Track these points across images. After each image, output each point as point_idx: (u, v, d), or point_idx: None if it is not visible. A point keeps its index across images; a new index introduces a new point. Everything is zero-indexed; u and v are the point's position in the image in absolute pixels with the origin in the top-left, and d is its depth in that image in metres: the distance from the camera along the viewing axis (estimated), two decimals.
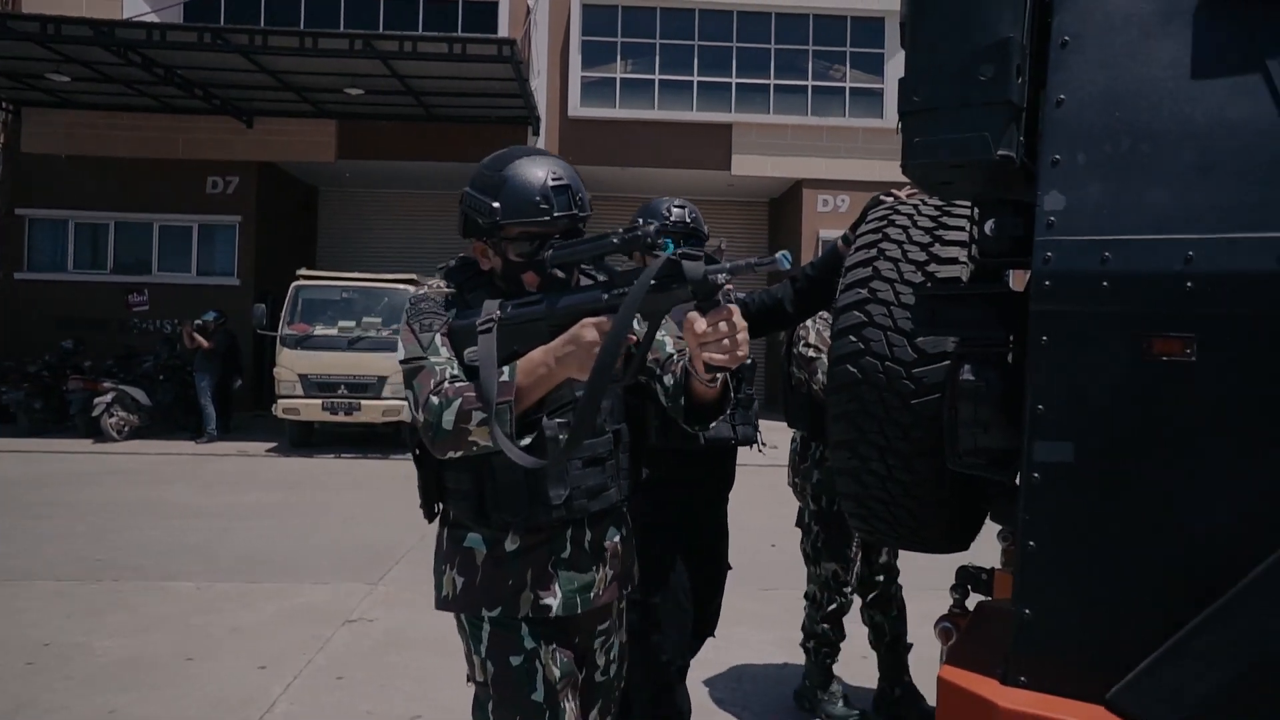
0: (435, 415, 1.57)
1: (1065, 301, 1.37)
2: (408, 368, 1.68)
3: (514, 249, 1.73)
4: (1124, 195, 1.35)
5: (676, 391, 1.69)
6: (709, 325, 1.42)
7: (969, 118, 1.43)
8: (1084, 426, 1.36)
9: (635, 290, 1.42)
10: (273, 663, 4.07)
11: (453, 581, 1.77)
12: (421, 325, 1.70)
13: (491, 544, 1.74)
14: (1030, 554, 1.40)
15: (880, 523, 1.97)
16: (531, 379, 1.57)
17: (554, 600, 1.73)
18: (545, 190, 1.69)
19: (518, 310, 1.65)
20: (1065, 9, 1.45)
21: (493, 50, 12.06)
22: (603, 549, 1.81)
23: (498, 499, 1.70)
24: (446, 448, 1.60)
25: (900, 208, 2.03)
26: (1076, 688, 1.36)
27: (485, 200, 1.70)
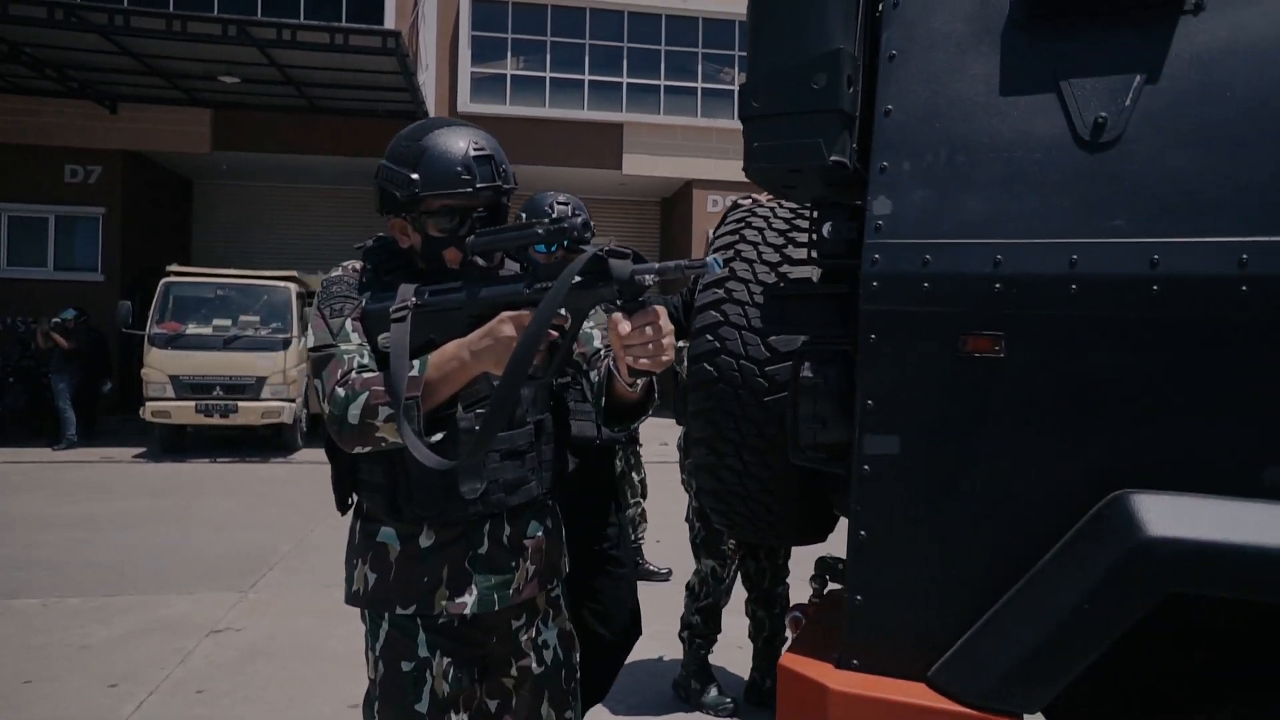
0: (340, 409, 1.51)
1: (891, 301, 1.44)
2: (316, 356, 1.60)
3: (435, 224, 1.64)
4: (943, 202, 1.43)
5: (598, 391, 1.64)
6: (634, 328, 1.36)
7: (804, 124, 1.49)
8: (908, 420, 1.43)
9: (558, 286, 1.35)
10: (125, 680, 3.86)
11: (364, 577, 1.70)
12: (332, 310, 1.62)
13: (405, 539, 1.68)
14: (861, 542, 1.47)
15: (738, 517, 2.02)
16: (443, 373, 1.50)
17: (469, 598, 1.67)
18: (467, 160, 1.61)
19: (435, 298, 1.58)
20: (892, 25, 1.52)
21: (377, 42, 11.70)
22: (523, 544, 1.74)
23: (411, 493, 1.63)
24: (354, 443, 1.53)
25: (757, 210, 2.09)
26: (903, 668, 1.43)
27: (403, 172, 1.62)
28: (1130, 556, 1.21)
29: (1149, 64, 1.33)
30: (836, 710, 1.41)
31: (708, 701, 3.59)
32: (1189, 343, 1.27)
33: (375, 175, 1.69)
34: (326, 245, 17.10)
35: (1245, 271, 1.24)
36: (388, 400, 1.47)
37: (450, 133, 1.64)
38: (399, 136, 1.68)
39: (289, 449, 11.26)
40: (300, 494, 8.36)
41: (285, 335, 11.09)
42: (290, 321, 11.19)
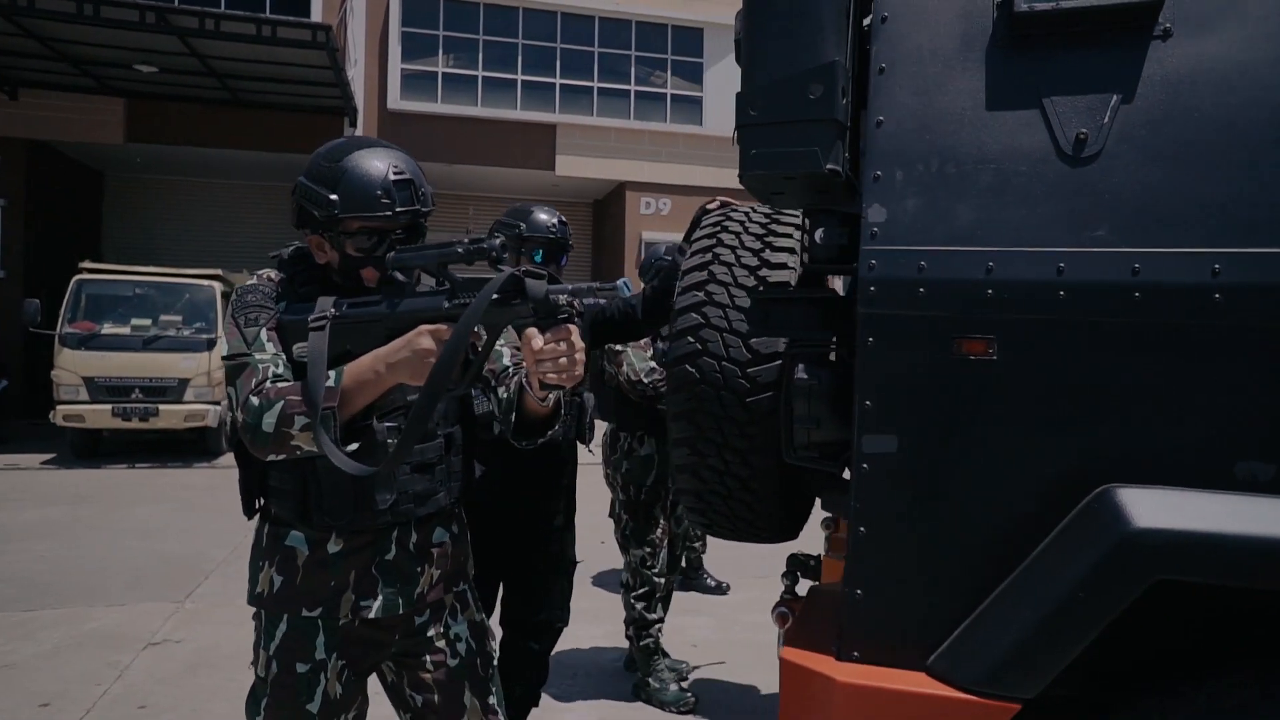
0: (255, 417, 1.53)
1: (887, 305, 1.50)
2: (230, 364, 1.62)
3: (352, 244, 1.68)
4: (935, 210, 1.49)
5: (508, 406, 1.70)
6: (546, 344, 1.45)
7: (800, 133, 1.54)
8: (905, 420, 1.50)
9: (476, 304, 1.44)
10: (58, 698, 3.69)
11: (270, 579, 1.72)
12: (246, 319, 1.65)
13: (314, 544, 1.71)
14: (860, 538, 1.52)
15: (718, 516, 2.06)
16: (359, 383, 1.55)
17: (375, 602, 1.72)
18: (386, 184, 1.65)
19: (354, 310, 1.62)
20: (881, 39, 1.59)
21: (306, 35, 11.38)
22: (429, 550, 1.80)
23: (321, 501, 1.67)
24: (268, 450, 1.56)
25: (733, 214, 2.13)
26: (902, 659, 1.49)
27: (322, 192, 1.65)
28: (1119, 546, 1.29)
29: (1124, 84, 1.42)
30: (843, 700, 1.46)
31: (668, 699, 3.65)
32: (1169, 346, 1.36)
33: (292, 191, 1.72)
34: (249, 243, 16.58)
35: (1218, 280, 1.33)
36: (304, 409, 1.50)
37: (370, 154, 1.67)
38: (317, 155, 1.71)
39: (213, 454, 10.89)
40: (228, 500, 7.87)
41: (209, 335, 10.72)
42: (214, 321, 10.82)
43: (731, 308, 1.96)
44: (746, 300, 1.94)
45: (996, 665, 1.38)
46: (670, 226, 15.01)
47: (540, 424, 1.68)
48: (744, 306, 1.94)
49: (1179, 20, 1.42)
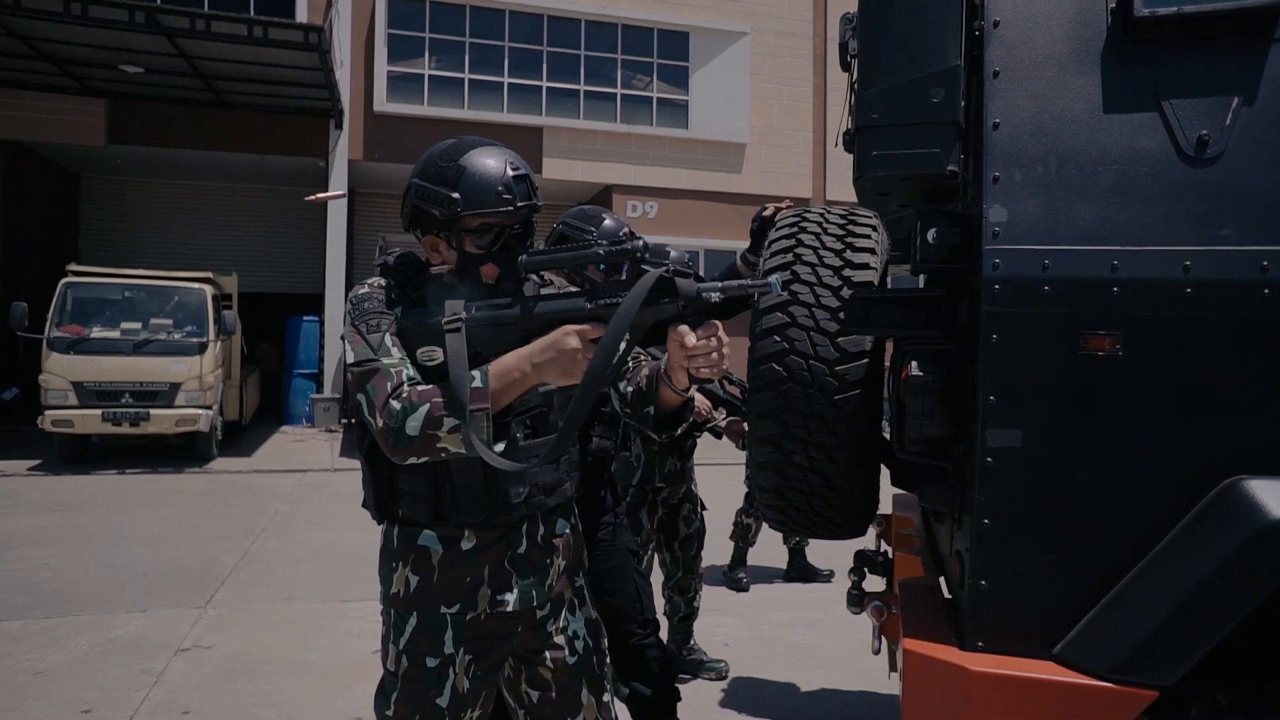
0: (398, 421, 1.54)
1: (1011, 303, 1.55)
2: (359, 370, 1.62)
3: (472, 240, 1.70)
4: (1057, 210, 1.54)
5: (639, 399, 1.73)
6: (699, 339, 1.48)
7: (922, 135, 1.59)
8: (1030, 415, 1.54)
9: (629, 303, 1.46)
10: (99, 705, 3.65)
11: (405, 579, 1.75)
12: (369, 326, 1.66)
13: (447, 542, 1.73)
14: (984, 531, 1.56)
15: (796, 513, 2.10)
16: (504, 383, 1.57)
17: (511, 596, 1.74)
18: (507, 180, 1.68)
19: (487, 312, 1.64)
20: (994, 44, 1.63)
21: (297, 36, 11.27)
22: (554, 542, 1.83)
23: (456, 500, 1.69)
24: (410, 454, 1.57)
25: (808, 216, 2.17)
26: (1028, 647, 1.54)
27: (443, 191, 1.67)
28: (1257, 536, 1.34)
29: (1245, 87, 1.48)
30: (978, 690, 1.50)
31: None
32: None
33: (405, 193, 1.75)
34: (232, 246, 16.42)
35: None
36: (450, 411, 1.52)
37: (486, 152, 1.71)
38: (431, 156, 1.74)
39: (204, 459, 10.77)
40: (228, 505, 8.06)
41: (201, 339, 10.61)
42: (207, 325, 10.71)
43: (817, 306, 2.00)
44: (832, 300, 1.98)
45: (1131, 652, 1.43)
46: (657, 230, 15.04)
47: (677, 414, 1.73)
48: (830, 305, 1.98)
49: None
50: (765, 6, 16.92)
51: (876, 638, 2.01)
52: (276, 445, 12.37)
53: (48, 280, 10.66)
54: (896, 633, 1.86)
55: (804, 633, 4.66)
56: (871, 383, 1.94)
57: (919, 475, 1.83)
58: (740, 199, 16.66)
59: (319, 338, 14.62)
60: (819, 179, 17.35)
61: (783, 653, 4.36)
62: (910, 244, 2.18)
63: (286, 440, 12.91)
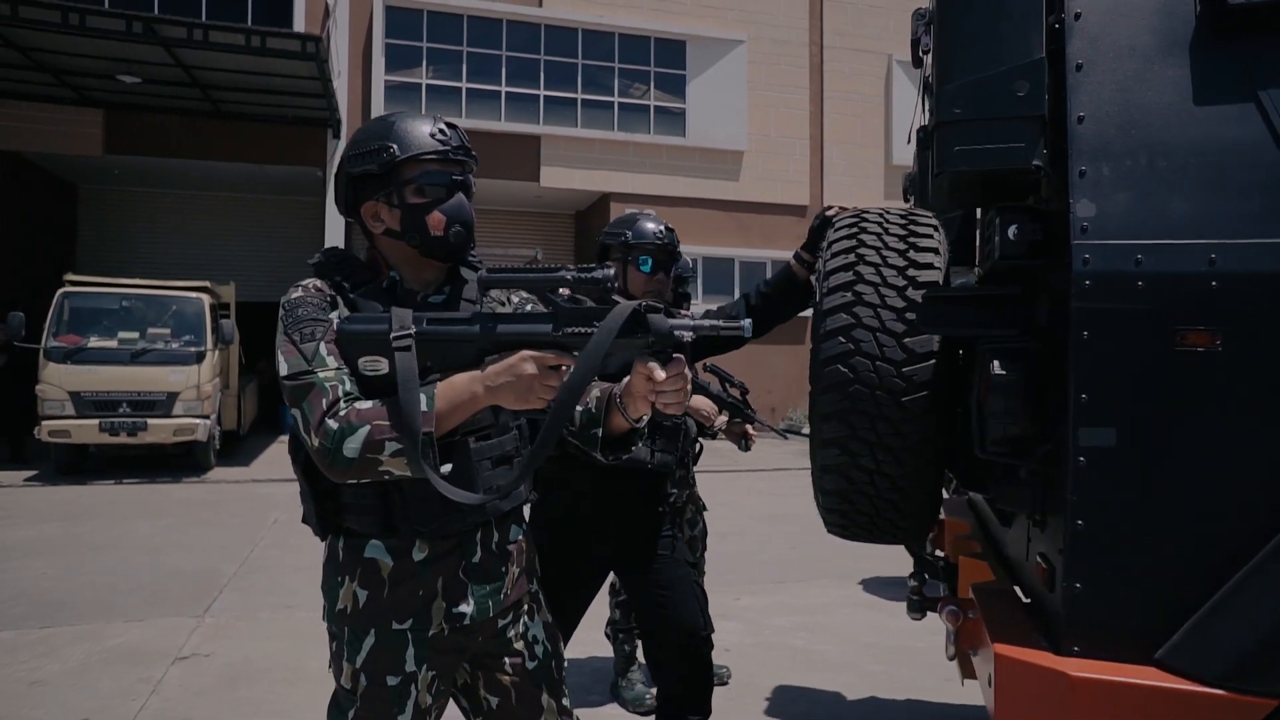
0: (334, 441, 1.46)
1: (1103, 299, 1.51)
2: (292, 385, 1.53)
3: (414, 190, 1.63)
4: (1150, 204, 1.51)
5: (590, 422, 1.67)
6: (668, 377, 1.44)
7: (1007, 129, 1.55)
8: (1124, 413, 1.50)
9: (601, 336, 1.41)
10: (96, 714, 3.58)
11: (353, 594, 1.66)
12: (302, 335, 1.57)
13: (397, 554, 1.65)
14: (1078, 532, 1.52)
15: (861, 516, 2.05)
16: (453, 405, 1.51)
17: (467, 608, 1.68)
18: (439, 126, 1.64)
19: (441, 327, 1.55)
20: (1076, 36, 1.60)
21: (295, 46, 11.24)
22: (508, 549, 1.77)
23: (407, 511, 1.62)
24: (349, 476, 1.50)
25: (867, 216, 2.13)
26: (1126, 652, 1.49)
27: (375, 144, 1.61)
28: None
29: None
30: (1080, 696, 1.46)
31: (630, 697, 3.71)
32: None
33: (336, 176, 1.69)
34: (229, 256, 16.33)
35: None
36: (394, 435, 1.45)
37: (413, 113, 1.68)
38: (357, 132, 1.70)
39: (201, 468, 10.66)
40: (226, 514, 7.97)
41: (199, 348, 10.52)
42: (204, 334, 10.63)
43: (882, 307, 1.96)
44: (898, 300, 1.94)
45: (1246, 659, 1.39)
46: None
47: (626, 438, 1.66)
48: (895, 306, 1.94)
49: None
50: (761, 15, 16.97)
51: (950, 643, 1.96)
52: (275, 454, 12.27)
53: (46, 290, 10.55)
54: (976, 638, 1.82)
55: (806, 638, 4.63)
56: (939, 384, 1.90)
57: (995, 477, 1.78)
58: (737, 206, 16.67)
59: None
60: (816, 186, 17.38)
61: (785, 658, 4.31)
62: (972, 243, 2.13)
63: (284, 449, 12.72)
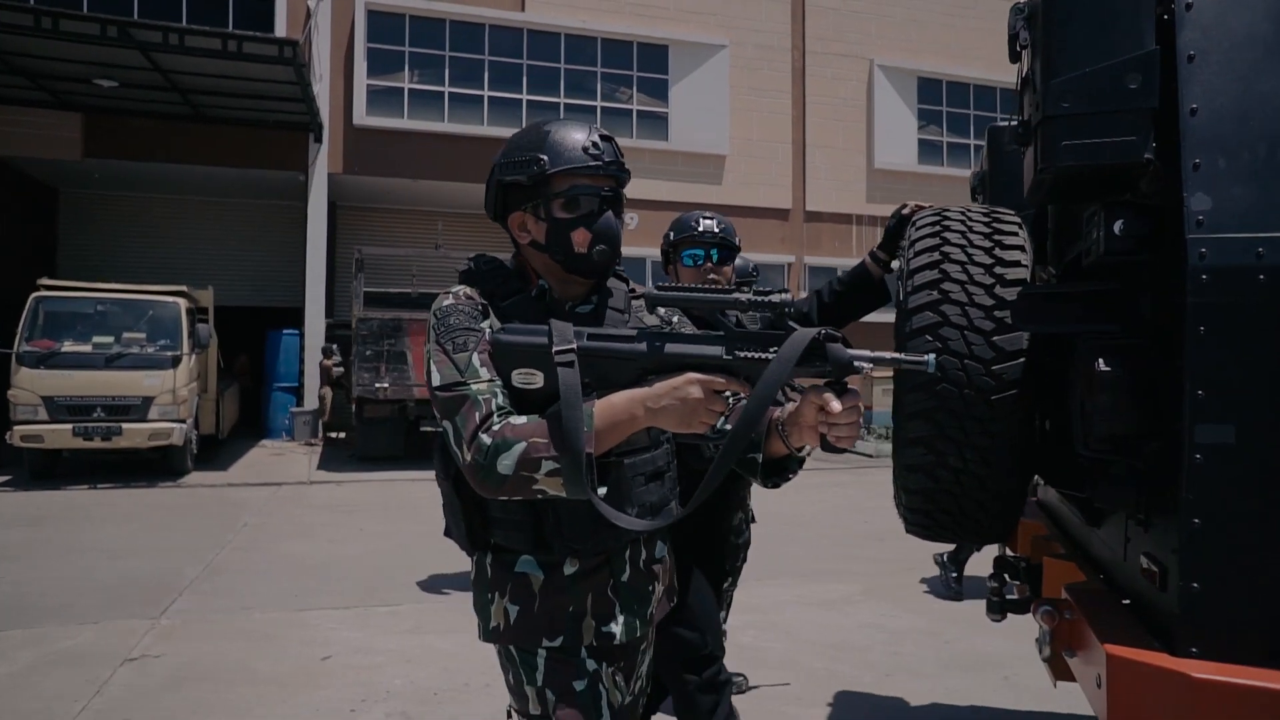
0: (488, 458, 1.41)
1: (1222, 294, 1.48)
2: (445, 397, 1.48)
3: (562, 204, 1.57)
4: (1269, 196, 1.49)
5: (751, 448, 1.58)
6: (844, 408, 1.37)
7: (1119, 123, 1.53)
8: (1244, 409, 1.47)
9: (780, 364, 1.35)
10: (36, 715, 3.52)
11: (504, 611, 1.60)
12: (455, 345, 1.51)
13: (548, 569, 1.60)
14: (1196, 531, 1.49)
15: (945, 515, 2.02)
16: (613, 424, 1.44)
17: (617, 626, 1.62)
18: (593, 139, 1.58)
19: (602, 343, 1.50)
20: (1187, 27, 1.57)
21: (272, 51, 11.07)
22: (654, 568, 1.70)
23: (560, 528, 1.56)
24: (501, 493, 1.45)
25: (949, 214, 2.10)
26: (1248, 654, 1.46)
27: (527, 155, 1.57)
28: None
29: None
30: (1203, 698, 1.42)
31: None
32: None
33: (488, 181, 1.64)
34: (211, 260, 16.10)
35: None
36: (550, 453, 1.40)
37: (569, 121, 1.62)
38: (513, 136, 1.65)
39: (177, 473, 10.46)
40: (199, 519, 7.88)
41: (175, 352, 10.33)
42: (180, 338, 10.44)
43: (970, 305, 1.93)
44: (985, 298, 1.91)
45: None
46: (639, 241, 14.97)
47: (783, 464, 1.59)
48: (984, 304, 1.91)
49: None
50: (744, 20, 17.05)
51: (1046, 644, 1.93)
52: (254, 459, 12.12)
53: (25, 295, 10.30)
54: (1076, 639, 1.78)
55: (755, 635, 4.64)
56: (1028, 382, 1.87)
57: (1093, 475, 1.75)
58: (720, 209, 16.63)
59: (299, 351, 14.36)
60: (798, 189, 17.47)
61: (732, 654, 4.29)
62: (1047, 238, 2.10)
63: (265, 454, 12.66)
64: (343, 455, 12.35)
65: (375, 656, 4.30)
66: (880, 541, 7.12)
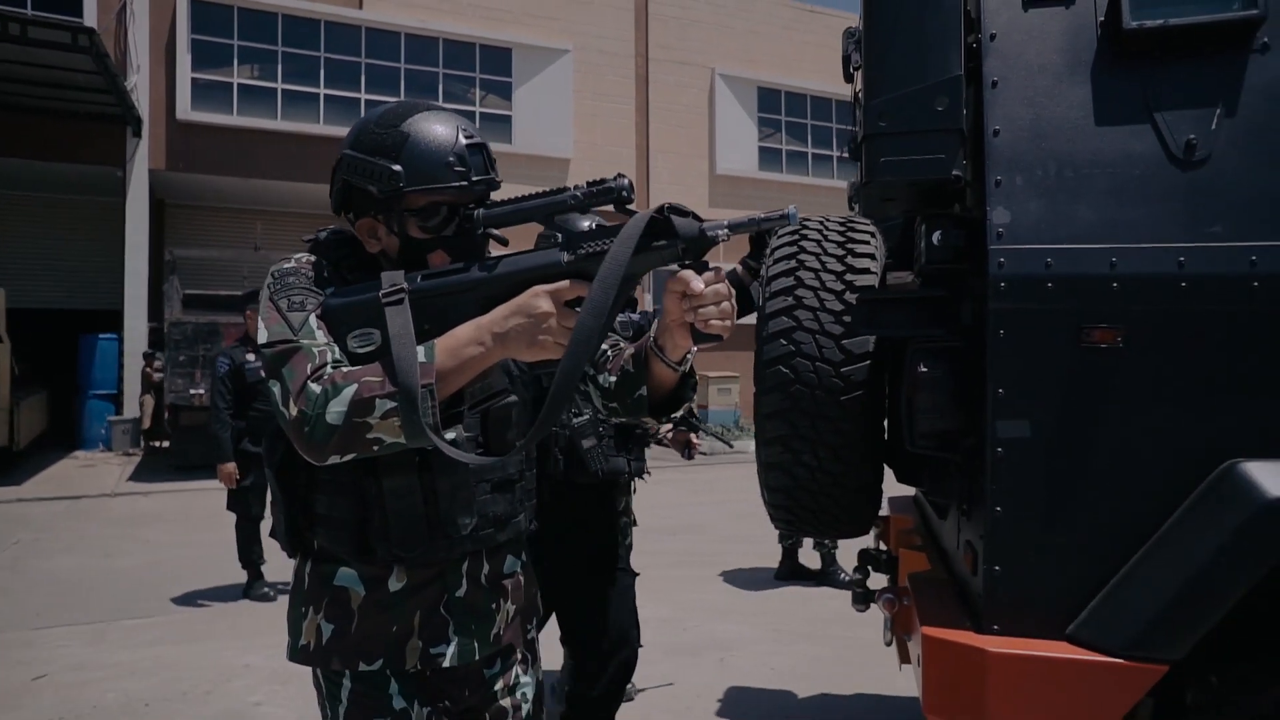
0: (318, 405, 1.24)
1: (1017, 300, 1.62)
2: (272, 352, 1.31)
3: (417, 223, 1.41)
4: (1057, 211, 1.64)
5: (627, 383, 1.45)
6: (706, 286, 1.22)
7: (928, 142, 1.64)
8: (1037, 406, 1.62)
9: (619, 248, 1.18)
10: None
11: (317, 629, 1.44)
12: (291, 303, 1.36)
13: (371, 583, 1.43)
14: (997, 518, 1.63)
15: (805, 512, 2.11)
16: (458, 360, 1.27)
17: (447, 648, 1.46)
18: (459, 150, 1.39)
19: (435, 280, 1.34)
20: (992, 55, 1.72)
21: (65, 38, 10.08)
22: (502, 583, 1.54)
23: (388, 530, 1.40)
24: (330, 449, 1.25)
25: (808, 224, 2.19)
26: (1041, 629, 1.61)
27: (381, 164, 1.38)
28: (1255, 515, 1.47)
29: (1227, 95, 1.61)
30: (997, 671, 1.56)
31: None
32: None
33: (334, 169, 1.46)
34: (15, 258, 14.67)
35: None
36: (387, 390, 1.23)
37: (434, 118, 1.42)
38: (367, 121, 1.45)
39: None
40: None
41: None
42: None
43: (821, 310, 2.01)
44: (836, 304, 2.01)
45: (1142, 630, 1.53)
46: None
47: (677, 393, 1.44)
48: (834, 309, 2.00)
49: (1277, 36, 1.61)
50: (587, 26, 17.13)
51: (888, 630, 2.04)
52: (58, 472, 11.23)
53: None
54: (909, 623, 1.90)
55: None
56: (875, 383, 1.97)
57: (924, 470, 1.87)
58: None
59: (118, 356, 13.32)
60: (642, 194, 17.68)
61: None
62: (913, 248, 2.24)
63: (74, 466, 11.74)
64: (162, 464, 11.58)
65: (95, 672, 4.23)
66: (673, 536, 7.32)
